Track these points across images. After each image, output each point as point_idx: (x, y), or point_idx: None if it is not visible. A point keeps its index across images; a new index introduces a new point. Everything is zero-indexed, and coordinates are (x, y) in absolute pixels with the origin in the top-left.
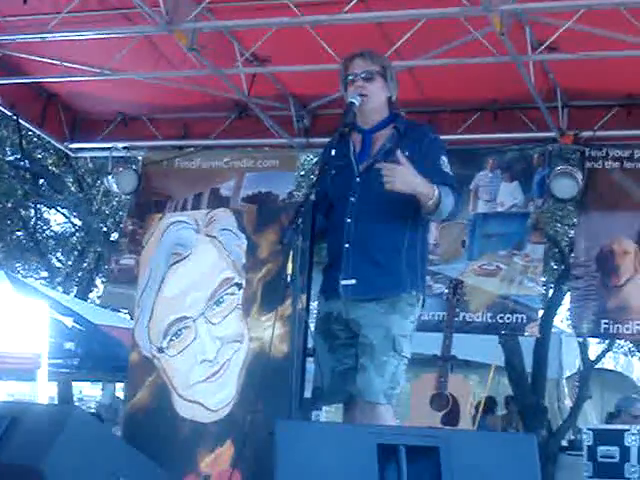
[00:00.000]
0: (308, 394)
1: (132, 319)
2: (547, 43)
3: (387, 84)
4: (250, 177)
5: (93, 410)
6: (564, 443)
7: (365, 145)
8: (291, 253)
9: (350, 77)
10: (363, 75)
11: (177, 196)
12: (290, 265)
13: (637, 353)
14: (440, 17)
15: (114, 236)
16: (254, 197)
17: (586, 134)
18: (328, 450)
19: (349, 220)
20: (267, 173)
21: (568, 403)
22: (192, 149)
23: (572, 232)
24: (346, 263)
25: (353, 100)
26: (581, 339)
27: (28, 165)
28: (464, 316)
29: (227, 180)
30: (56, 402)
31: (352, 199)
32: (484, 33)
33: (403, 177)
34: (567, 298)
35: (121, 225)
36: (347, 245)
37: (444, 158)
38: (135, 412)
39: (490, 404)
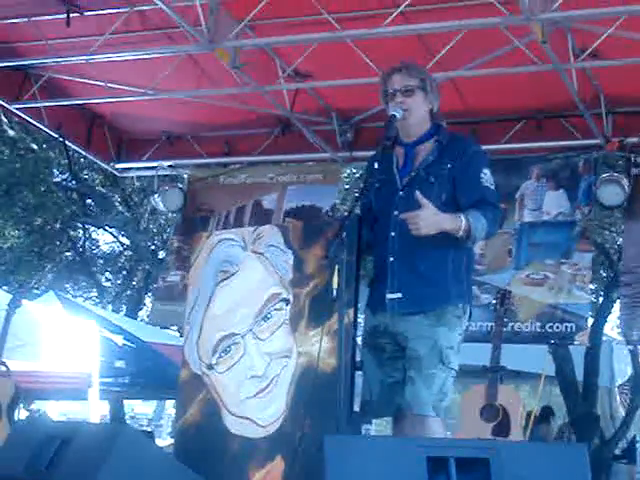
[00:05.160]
0: (357, 408)
1: (181, 336)
2: (589, 50)
3: (427, 97)
4: (293, 190)
5: (145, 428)
6: (617, 452)
7: (407, 159)
8: (336, 267)
9: (390, 92)
10: (403, 90)
11: (220, 209)
12: (335, 279)
13: None
14: (481, 27)
15: (162, 254)
16: (297, 210)
17: (631, 140)
18: (378, 464)
19: (393, 234)
20: (310, 186)
21: (620, 411)
22: (237, 166)
23: (620, 239)
24: (391, 277)
25: (394, 113)
26: (632, 347)
27: (75, 186)
28: (512, 326)
29: (270, 193)
30: (108, 421)
31: (395, 212)
32: (525, 42)
33: (426, 221)
34: (617, 306)
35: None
36: (392, 259)
37: (486, 171)
38: (186, 429)
39: (546, 414)
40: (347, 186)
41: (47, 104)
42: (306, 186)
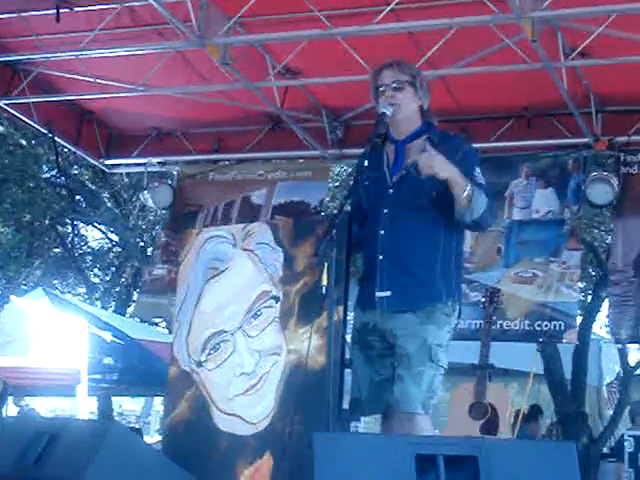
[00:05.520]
0: (346, 405)
1: (169, 330)
2: (579, 49)
3: (417, 93)
4: (282, 186)
5: (133, 424)
6: (605, 450)
7: (398, 156)
8: (326, 264)
9: (380, 88)
10: (393, 85)
11: (208, 205)
12: (325, 277)
13: None
14: (471, 25)
15: (151, 251)
16: (286, 205)
17: (621, 139)
18: (366, 461)
19: (382, 231)
20: (299, 182)
21: (609, 410)
22: (226, 162)
23: (609, 238)
24: (380, 274)
25: (384, 110)
26: (620, 345)
27: (65, 182)
28: (501, 324)
29: (259, 189)
30: (96, 417)
31: (385, 210)
32: (516, 40)
33: (441, 161)
34: (606, 304)
35: None
36: (381, 256)
37: (478, 169)
38: (174, 426)
39: (534, 412)
40: (337, 184)
41: (36, 100)
42: (295, 182)
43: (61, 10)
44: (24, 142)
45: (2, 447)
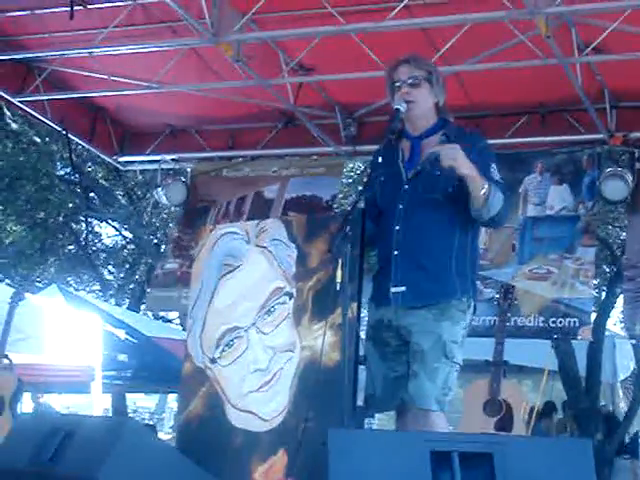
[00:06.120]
0: (360, 402)
1: (183, 327)
2: (594, 44)
3: (433, 89)
4: (295, 181)
5: (147, 421)
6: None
7: (414, 152)
8: (340, 261)
9: (396, 84)
10: (409, 81)
11: (221, 200)
12: (339, 273)
13: None
14: (485, 21)
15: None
16: (298, 199)
17: (635, 135)
18: (381, 458)
19: (398, 227)
20: (312, 178)
21: (623, 407)
22: (240, 159)
23: (624, 234)
24: (395, 270)
25: (399, 107)
26: (635, 341)
27: (79, 179)
28: (515, 321)
29: (271, 184)
30: (110, 414)
31: (400, 206)
32: (530, 36)
33: (463, 156)
34: (620, 301)
35: None
36: (396, 252)
37: (494, 166)
38: (189, 422)
39: (549, 409)
40: (350, 180)
41: (50, 97)
42: (308, 178)
43: (75, 7)
44: (38, 140)
45: (18, 443)
